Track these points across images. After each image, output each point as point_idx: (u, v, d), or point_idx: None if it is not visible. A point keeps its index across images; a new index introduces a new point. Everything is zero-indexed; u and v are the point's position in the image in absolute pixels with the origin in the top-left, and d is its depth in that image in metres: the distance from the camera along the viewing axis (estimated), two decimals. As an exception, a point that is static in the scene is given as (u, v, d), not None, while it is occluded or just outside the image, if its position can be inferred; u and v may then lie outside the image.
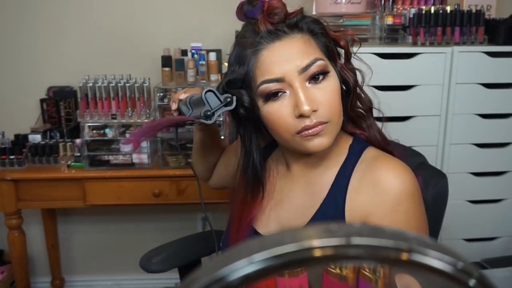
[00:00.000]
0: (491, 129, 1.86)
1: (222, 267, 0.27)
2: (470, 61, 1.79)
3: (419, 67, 1.78)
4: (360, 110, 0.93)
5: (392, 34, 1.88)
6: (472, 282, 0.28)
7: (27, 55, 2.13)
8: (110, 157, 1.84)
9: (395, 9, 1.94)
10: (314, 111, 0.80)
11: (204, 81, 1.88)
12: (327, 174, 0.90)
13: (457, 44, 1.82)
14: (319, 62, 0.82)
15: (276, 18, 0.83)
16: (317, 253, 0.27)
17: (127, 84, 1.81)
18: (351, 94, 0.90)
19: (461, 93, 1.81)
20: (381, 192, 0.82)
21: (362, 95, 0.93)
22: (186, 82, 1.88)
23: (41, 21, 2.10)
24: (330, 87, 0.83)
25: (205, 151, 1.18)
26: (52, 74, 2.13)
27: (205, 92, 0.90)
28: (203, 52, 1.89)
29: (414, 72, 1.79)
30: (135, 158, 1.83)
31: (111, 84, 1.80)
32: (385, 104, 1.01)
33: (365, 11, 1.86)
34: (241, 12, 0.91)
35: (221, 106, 0.89)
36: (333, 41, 0.89)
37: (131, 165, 1.84)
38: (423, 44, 1.83)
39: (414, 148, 1.30)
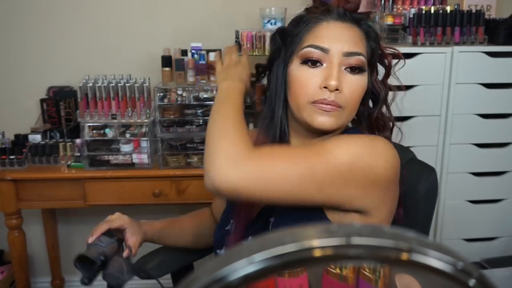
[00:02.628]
0: (491, 129, 1.86)
1: (222, 267, 0.27)
2: (470, 61, 1.79)
3: (419, 67, 1.78)
4: (382, 123, 1.00)
5: (392, 34, 1.89)
6: (472, 282, 0.28)
7: (27, 55, 2.13)
8: (110, 157, 1.84)
9: (395, 9, 1.94)
10: (337, 90, 0.86)
11: (204, 81, 1.88)
12: None
13: (457, 44, 1.83)
14: (362, 58, 0.89)
15: (348, 6, 0.92)
16: (317, 253, 0.27)
17: (127, 84, 1.81)
18: (377, 106, 0.98)
19: (461, 93, 1.81)
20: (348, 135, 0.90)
21: (387, 112, 1.01)
22: (186, 82, 1.88)
23: (41, 21, 2.10)
24: (359, 83, 0.89)
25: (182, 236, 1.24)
26: (52, 74, 2.13)
27: (76, 260, 0.95)
28: (203, 52, 1.89)
29: (414, 72, 1.79)
30: (135, 158, 1.83)
31: (111, 84, 1.80)
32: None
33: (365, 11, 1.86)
34: None
35: (96, 269, 0.95)
36: (379, 54, 0.96)
37: (131, 165, 1.84)
38: (423, 44, 1.83)
39: (412, 148, 1.30)
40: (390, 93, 1.01)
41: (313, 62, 0.88)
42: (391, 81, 1.01)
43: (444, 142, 1.85)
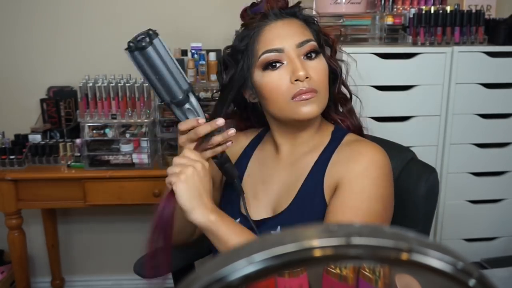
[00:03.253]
0: (491, 129, 1.86)
1: (222, 267, 0.27)
2: (470, 61, 1.79)
3: (419, 67, 1.78)
4: (343, 97, 1.07)
5: (392, 34, 1.88)
6: (472, 282, 0.28)
7: (27, 55, 2.13)
8: (110, 157, 1.84)
9: (395, 9, 1.94)
10: (307, 78, 0.93)
11: (204, 81, 1.88)
12: (311, 155, 1.01)
13: (457, 44, 1.82)
14: (313, 42, 0.96)
15: (279, 4, 0.99)
16: (317, 253, 0.27)
17: (127, 84, 1.81)
18: (337, 81, 1.04)
19: (461, 93, 1.81)
20: (353, 161, 0.94)
21: (344, 86, 1.07)
22: (186, 82, 1.88)
23: (41, 21, 2.10)
24: (320, 65, 0.96)
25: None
26: (52, 74, 2.13)
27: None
28: (203, 52, 1.89)
29: (414, 72, 1.79)
30: (135, 158, 1.83)
31: (111, 84, 1.80)
32: (384, 104, 1.04)
33: (365, 11, 1.86)
34: (246, 14, 1.04)
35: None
36: (323, 35, 1.03)
37: (131, 165, 1.84)
38: (423, 44, 1.83)
39: (412, 148, 1.30)
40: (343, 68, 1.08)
41: (273, 65, 0.94)
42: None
43: (444, 142, 1.85)
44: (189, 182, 0.86)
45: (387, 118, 1.78)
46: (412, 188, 1.14)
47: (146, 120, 1.82)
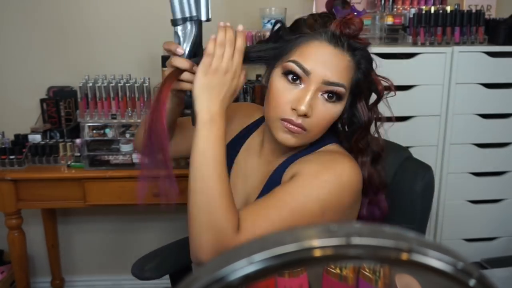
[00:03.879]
0: (491, 129, 1.86)
1: (222, 267, 0.27)
2: (470, 61, 1.79)
3: (419, 67, 1.78)
4: (362, 146, 0.97)
5: (392, 34, 1.88)
6: (472, 282, 0.28)
7: (27, 55, 2.12)
8: (110, 157, 1.84)
9: (395, 9, 1.94)
10: (306, 116, 0.87)
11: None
12: (286, 155, 0.98)
13: (457, 44, 1.83)
14: (341, 89, 0.88)
15: (348, 31, 0.88)
16: (317, 253, 0.27)
17: (127, 84, 1.81)
18: (359, 131, 0.96)
19: (461, 93, 1.81)
20: (315, 160, 0.91)
21: (372, 137, 0.99)
22: (186, 82, 1.88)
23: (41, 21, 2.10)
24: (331, 111, 0.90)
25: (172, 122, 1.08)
26: (52, 74, 2.13)
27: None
28: (203, 52, 1.89)
29: (414, 72, 1.79)
30: (135, 158, 1.83)
31: (111, 84, 1.80)
32: (384, 104, 1.04)
33: (365, 11, 1.86)
34: (330, 4, 0.95)
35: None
36: (371, 83, 0.95)
37: (131, 165, 1.84)
38: (423, 44, 1.83)
39: (412, 148, 1.30)
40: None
41: (293, 78, 0.88)
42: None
43: (444, 142, 1.85)
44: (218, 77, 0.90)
45: (387, 118, 1.78)
46: (409, 186, 1.15)
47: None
